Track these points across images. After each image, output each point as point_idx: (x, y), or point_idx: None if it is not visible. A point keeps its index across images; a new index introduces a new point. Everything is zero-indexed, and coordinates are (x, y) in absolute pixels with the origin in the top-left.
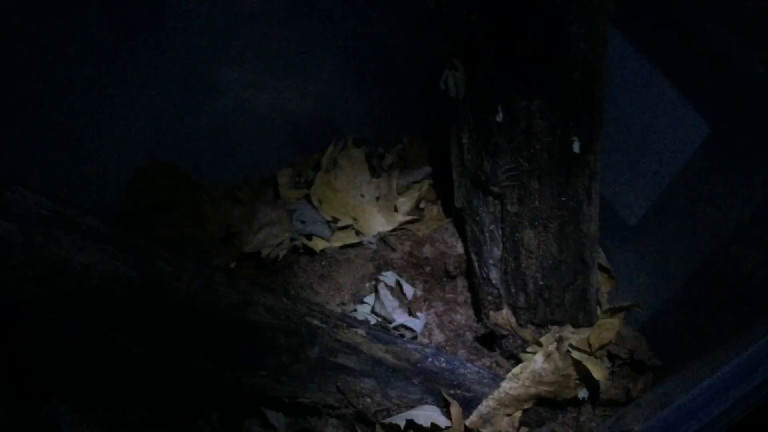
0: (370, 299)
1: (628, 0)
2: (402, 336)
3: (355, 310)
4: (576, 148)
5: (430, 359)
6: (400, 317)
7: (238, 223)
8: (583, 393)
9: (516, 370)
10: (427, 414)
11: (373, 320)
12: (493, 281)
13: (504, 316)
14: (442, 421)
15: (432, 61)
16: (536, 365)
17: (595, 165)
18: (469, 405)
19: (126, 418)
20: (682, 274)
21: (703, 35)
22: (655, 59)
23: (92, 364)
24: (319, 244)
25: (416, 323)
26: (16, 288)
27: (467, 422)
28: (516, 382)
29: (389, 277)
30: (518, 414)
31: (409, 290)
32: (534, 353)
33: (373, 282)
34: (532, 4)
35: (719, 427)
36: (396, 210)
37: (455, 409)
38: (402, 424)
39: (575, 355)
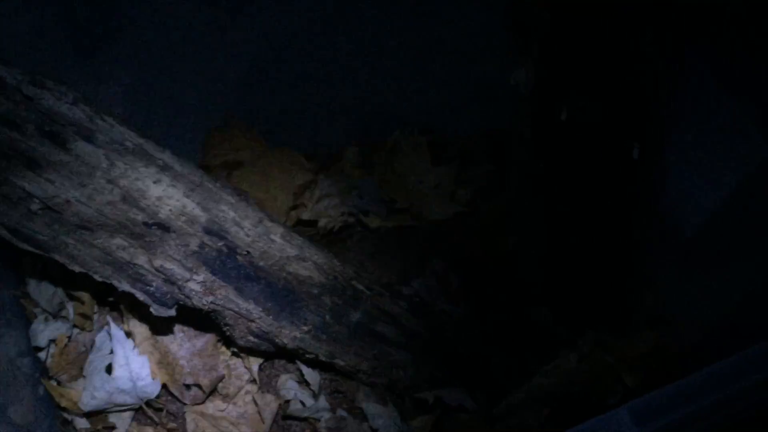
0: (416, 282)
1: (707, 18)
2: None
3: (401, 291)
4: (635, 154)
5: (465, 343)
6: (443, 304)
7: (302, 190)
8: (613, 398)
9: (548, 367)
10: (455, 395)
11: (416, 302)
12: (537, 279)
13: (543, 314)
14: (470, 404)
15: (502, 58)
16: (570, 364)
17: (651, 173)
18: (497, 395)
19: (174, 348)
20: (732, 295)
21: None
22: (724, 77)
23: (151, 294)
24: (374, 222)
25: (458, 311)
26: (93, 209)
27: (495, 411)
28: (547, 378)
29: (437, 264)
30: (546, 410)
31: (455, 279)
32: (569, 353)
33: (421, 266)
34: (605, 8)
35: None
36: (453, 200)
37: (483, 396)
38: (431, 400)
39: (610, 359)
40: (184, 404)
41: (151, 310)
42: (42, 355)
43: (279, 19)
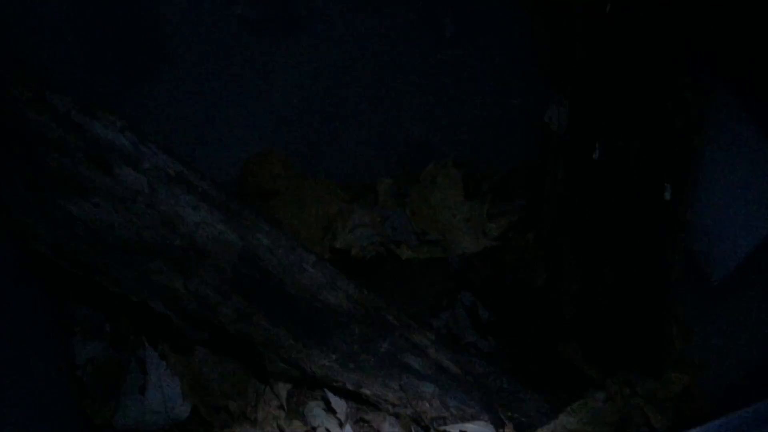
0: (445, 315)
1: (747, 61)
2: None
3: (430, 322)
4: (667, 195)
5: (492, 377)
6: (471, 337)
7: (335, 219)
8: None
9: (576, 405)
10: (481, 430)
11: (444, 334)
12: (567, 315)
13: (572, 351)
14: None
15: (540, 95)
16: (597, 403)
17: (683, 214)
18: (523, 430)
19: (206, 372)
20: (764, 344)
21: None
22: (760, 120)
23: (185, 316)
24: (405, 253)
25: (485, 345)
26: (135, 233)
27: None
28: (574, 416)
29: (467, 297)
30: None
31: (484, 313)
32: (597, 391)
33: (451, 299)
34: (641, 50)
35: None
36: (484, 234)
37: (509, 431)
38: None
39: (638, 400)
40: (213, 428)
41: (186, 332)
42: (79, 372)
43: (321, 51)
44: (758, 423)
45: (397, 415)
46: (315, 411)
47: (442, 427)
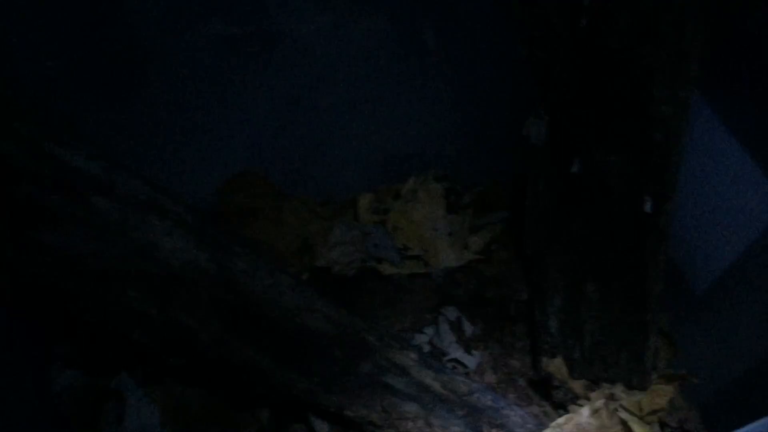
0: (429, 330)
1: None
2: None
3: (413, 339)
4: (648, 207)
5: (476, 394)
6: (456, 352)
7: (315, 237)
8: None
9: (560, 420)
10: None
11: (428, 350)
12: (551, 330)
13: (556, 366)
14: None
15: (521, 108)
16: (581, 418)
17: (665, 227)
18: None
19: (184, 399)
20: (748, 353)
21: None
22: (738, 131)
23: (162, 343)
24: (387, 269)
25: (470, 360)
26: (108, 262)
27: None
28: (560, 431)
29: (451, 311)
30: None
31: (468, 327)
32: (582, 406)
33: (435, 314)
34: (618, 64)
35: None
36: (466, 247)
37: None
38: None
39: (623, 415)
40: None
41: (163, 359)
42: (56, 401)
43: (297, 67)
44: None
45: None
46: None
47: None
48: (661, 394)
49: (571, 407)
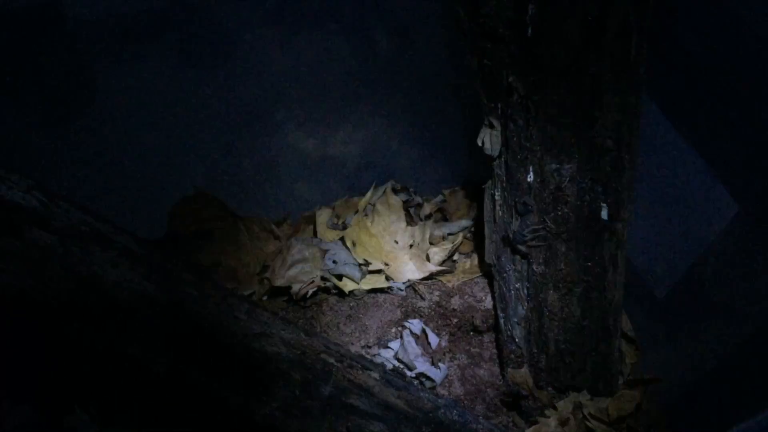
0: (394, 344)
1: (668, 79)
2: (421, 384)
3: (379, 354)
4: (604, 214)
5: (442, 410)
6: (422, 366)
7: (273, 257)
8: None
9: (530, 429)
10: None
11: (394, 365)
12: (516, 339)
13: (522, 375)
14: None
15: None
16: (549, 428)
17: (622, 233)
18: None
19: None
20: (711, 353)
21: (739, 120)
22: (690, 136)
23: (115, 378)
24: (348, 286)
25: (437, 373)
26: (50, 296)
27: None
28: None
29: (415, 324)
30: None
31: (434, 340)
32: (549, 415)
33: (399, 328)
34: (567, 72)
35: None
36: (428, 259)
37: None
38: None
39: (591, 423)
40: None
41: (117, 393)
42: None
43: (251, 83)
44: None
45: None
46: None
47: None
48: (628, 399)
49: (539, 418)
